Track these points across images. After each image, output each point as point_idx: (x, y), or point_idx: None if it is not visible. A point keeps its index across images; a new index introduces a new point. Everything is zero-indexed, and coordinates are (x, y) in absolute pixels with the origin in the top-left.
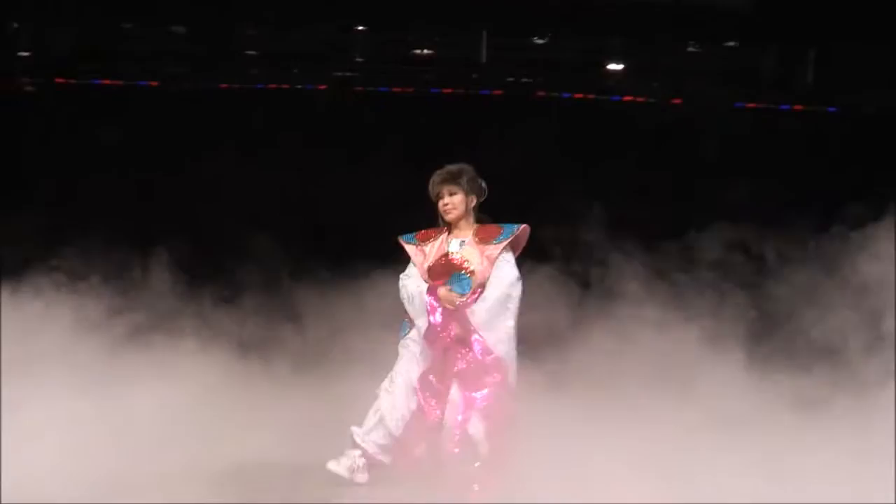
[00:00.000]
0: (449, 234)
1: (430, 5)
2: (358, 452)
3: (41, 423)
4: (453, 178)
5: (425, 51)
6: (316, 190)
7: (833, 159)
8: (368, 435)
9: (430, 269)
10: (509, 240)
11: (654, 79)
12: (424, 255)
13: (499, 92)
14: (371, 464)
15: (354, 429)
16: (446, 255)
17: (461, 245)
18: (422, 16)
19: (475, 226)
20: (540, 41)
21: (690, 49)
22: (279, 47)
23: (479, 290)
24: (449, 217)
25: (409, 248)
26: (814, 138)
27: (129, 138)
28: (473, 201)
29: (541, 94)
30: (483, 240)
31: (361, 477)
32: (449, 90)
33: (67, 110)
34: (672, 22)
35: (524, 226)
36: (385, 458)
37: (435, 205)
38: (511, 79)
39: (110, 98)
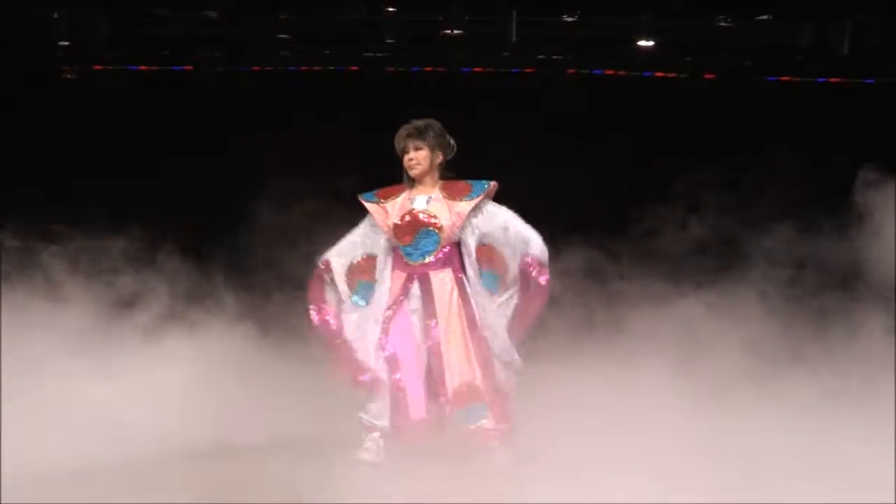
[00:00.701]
0: (412, 190)
1: None
2: (377, 434)
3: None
4: (419, 133)
5: (456, 31)
6: (347, 170)
7: (870, 132)
8: (378, 419)
9: (395, 227)
10: (481, 197)
11: (687, 53)
12: (386, 212)
13: (530, 70)
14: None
15: (362, 415)
16: (411, 211)
17: (427, 202)
18: None
19: (440, 182)
20: (570, 19)
21: (722, 24)
22: (311, 30)
23: (447, 247)
24: (413, 172)
25: (370, 206)
26: (851, 110)
27: (164, 121)
28: (439, 158)
29: (571, 71)
30: (451, 195)
31: (383, 456)
32: (479, 69)
33: (105, 95)
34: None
35: (493, 182)
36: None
37: (400, 160)
38: (542, 56)
39: (146, 82)
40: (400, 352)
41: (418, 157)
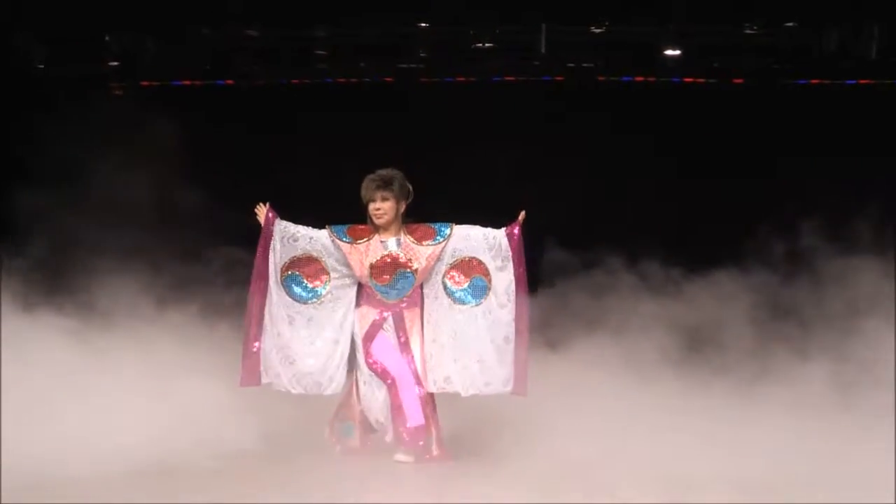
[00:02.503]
0: (380, 233)
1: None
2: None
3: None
4: (386, 185)
5: (487, 44)
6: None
7: None
8: (385, 434)
9: (372, 267)
10: (446, 242)
11: (714, 59)
12: (360, 252)
13: (560, 78)
14: None
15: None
16: (390, 254)
17: (398, 244)
18: (482, 10)
19: (403, 226)
20: (597, 30)
21: (748, 31)
22: (346, 44)
23: (418, 287)
24: (380, 221)
25: (345, 246)
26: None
27: (208, 133)
28: (402, 207)
29: (601, 78)
30: (418, 239)
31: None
32: (511, 78)
33: (152, 109)
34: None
35: (453, 224)
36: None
37: (365, 207)
38: (572, 64)
39: (192, 96)
40: (389, 365)
41: (385, 207)
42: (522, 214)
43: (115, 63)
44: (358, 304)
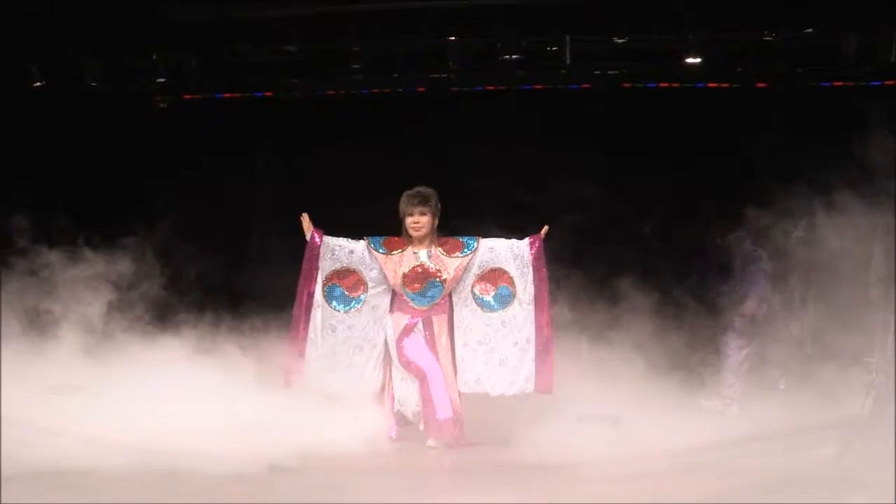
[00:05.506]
0: (414, 245)
1: (515, 14)
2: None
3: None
4: (425, 201)
5: (514, 56)
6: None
7: None
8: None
9: (405, 276)
10: (473, 253)
11: (738, 64)
12: (394, 262)
13: (587, 85)
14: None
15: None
16: (422, 264)
17: (430, 256)
18: (508, 24)
19: (436, 239)
20: (620, 40)
21: (766, 38)
22: (380, 56)
23: (447, 295)
24: (417, 234)
25: (380, 257)
26: None
27: (247, 142)
28: (436, 221)
29: (627, 85)
30: (448, 251)
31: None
32: (539, 86)
33: (194, 121)
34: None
35: (479, 237)
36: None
37: (402, 220)
38: (598, 72)
39: (231, 108)
40: (421, 362)
41: (423, 222)
42: (545, 229)
43: (162, 80)
44: (391, 310)
